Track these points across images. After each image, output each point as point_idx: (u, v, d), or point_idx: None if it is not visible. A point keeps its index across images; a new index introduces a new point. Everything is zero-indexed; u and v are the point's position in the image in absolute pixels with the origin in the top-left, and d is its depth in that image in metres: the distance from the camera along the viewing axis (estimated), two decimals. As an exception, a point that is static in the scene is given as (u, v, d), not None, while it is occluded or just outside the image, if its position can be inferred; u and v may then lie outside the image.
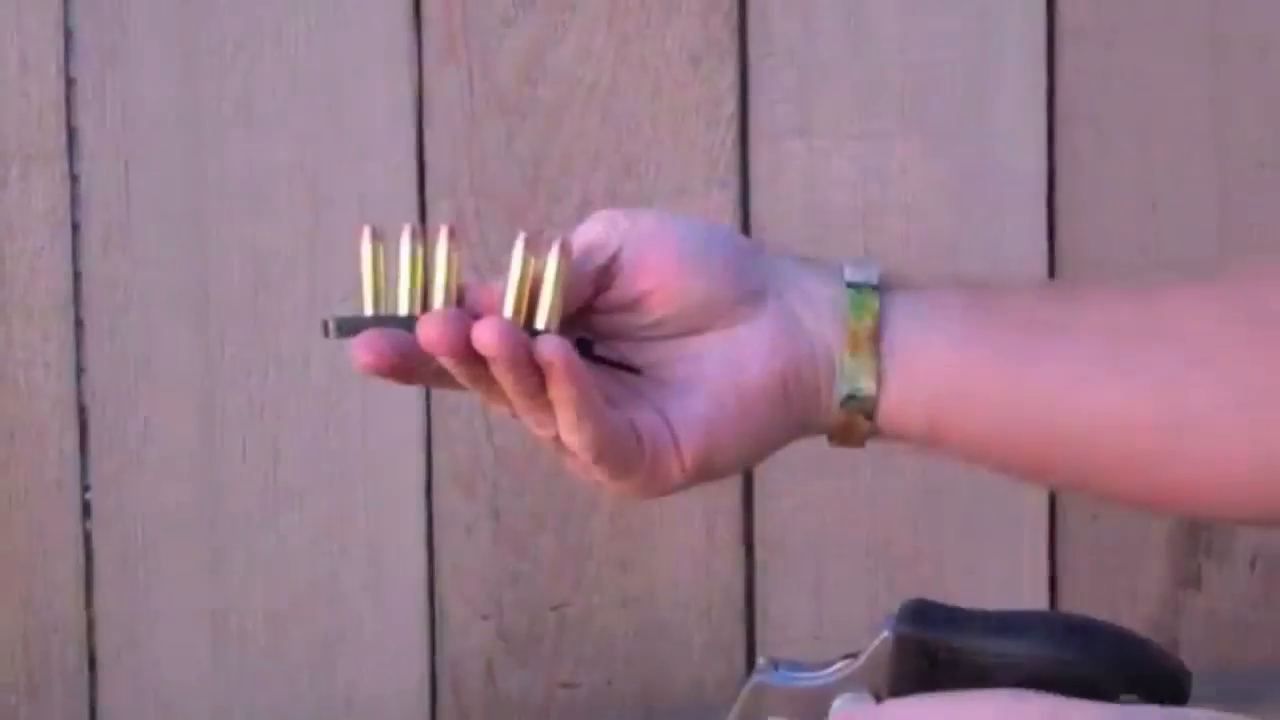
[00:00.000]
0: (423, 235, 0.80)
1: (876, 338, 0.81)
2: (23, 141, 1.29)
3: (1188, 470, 0.82)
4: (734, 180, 1.31)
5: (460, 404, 1.32)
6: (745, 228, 1.31)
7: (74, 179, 1.30)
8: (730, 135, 1.31)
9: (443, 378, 0.81)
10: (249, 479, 1.32)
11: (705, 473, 0.82)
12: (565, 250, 0.79)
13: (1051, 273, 1.32)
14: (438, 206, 1.30)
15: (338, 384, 1.31)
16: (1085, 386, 0.81)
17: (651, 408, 0.81)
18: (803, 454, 1.33)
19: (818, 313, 0.82)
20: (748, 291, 0.82)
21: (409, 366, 0.79)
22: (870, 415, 0.82)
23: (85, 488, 1.31)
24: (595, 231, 0.82)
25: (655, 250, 0.81)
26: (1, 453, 1.31)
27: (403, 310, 0.80)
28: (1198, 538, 1.35)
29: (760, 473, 1.33)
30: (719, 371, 0.81)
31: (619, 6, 1.31)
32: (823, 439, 0.83)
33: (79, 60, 1.29)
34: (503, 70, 1.31)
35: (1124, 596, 1.35)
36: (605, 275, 0.81)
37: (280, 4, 1.30)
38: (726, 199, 1.31)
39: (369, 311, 0.80)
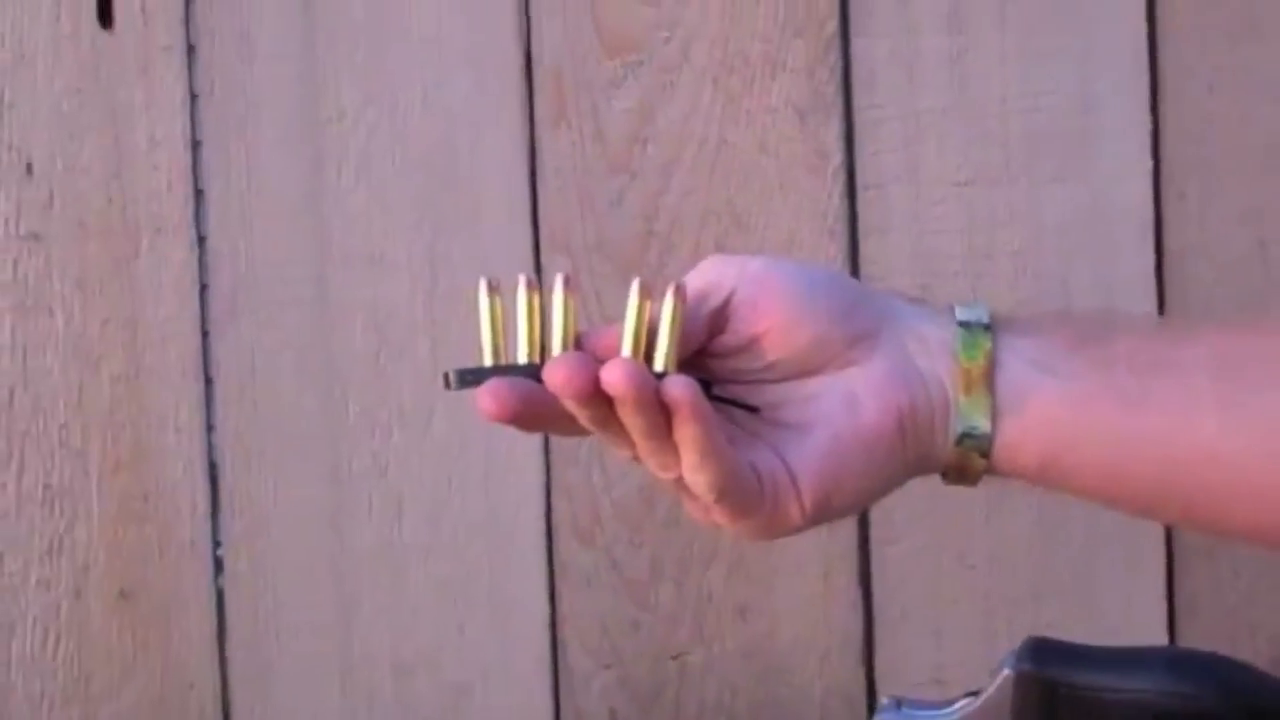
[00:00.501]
0: (538, 285, 0.81)
1: (990, 377, 0.82)
2: (152, 214, 1.32)
3: None
4: (842, 230, 1.32)
5: (579, 456, 1.33)
6: (855, 276, 1.32)
7: (201, 242, 1.33)
8: (838, 186, 1.32)
9: (564, 423, 0.81)
10: (375, 535, 1.34)
11: (824, 513, 0.82)
12: (680, 294, 0.80)
13: (1162, 311, 1.32)
14: (552, 264, 1.31)
15: (459, 440, 1.33)
16: (1195, 421, 0.81)
17: (769, 450, 0.82)
18: (917, 497, 1.34)
19: (930, 353, 0.83)
20: (859, 332, 0.82)
21: (532, 413, 0.80)
22: (985, 453, 0.82)
23: (217, 544, 1.34)
24: (708, 276, 0.83)
25: (767, 293, 0.82)
26: (136, 513, 1.33)
27: (521, 359, 0.81)
28: (1316, 574, 1.34)
29: (876, 517, 1.33)
30: (835, 412, 0.82)
31: (725, 64, 1.32)
32: (938, 482, 0.83)
33: (204, 127, 1.32)
34: (613, 129, 1.33)
35: (1244, 632, 1.34)
36: (719, 319, 0.82)
37: (396, 71, 1.32)
38: (836, 249, 1.32)
39: (488, 363, 0.81)
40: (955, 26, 1.31)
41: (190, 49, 1.32)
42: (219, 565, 1.33)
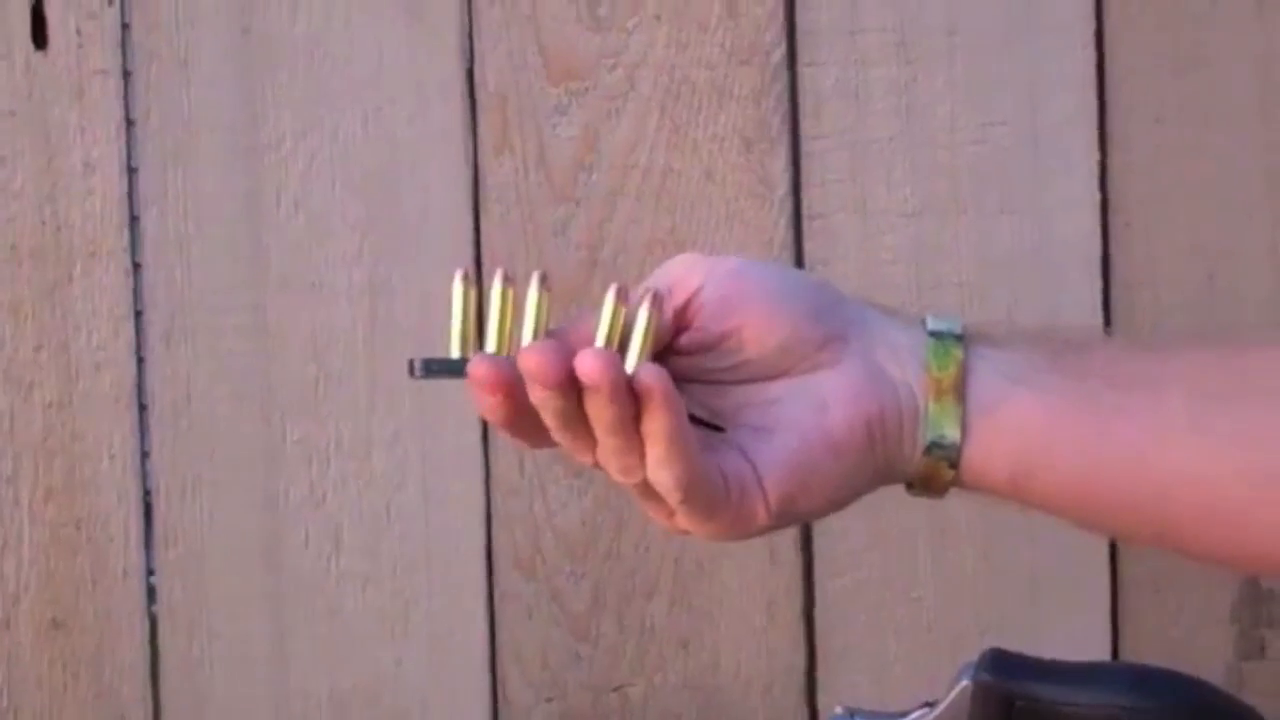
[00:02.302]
0: (514, 281, 0.79)
1: (960, 387, 0.79)
2: (86, 239, 1.29)
3: (1269, 530, 0.79)
4: (789, 260, 1.29)
5: (519, 486, 1.30)
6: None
7: (136, 269, 1.29)
8: (784, 216, 1.29)
9: (528, 421, 0.78)
10: (312, 565, 1.30)
11: (790, 515, 0.79)
12: (656, 302, 0.78)
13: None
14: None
15: (398, 470, 1.30)
16: (1169, 441, 0.79)
17: (735, 450, 0.79)
18: (860, 529, 1.32)
19: (901, 361, 0.80)
20: (830, 335, 0.80)
21: (512, 395, 0.77)
22: (954, 464, 0.80)
23: (150, 573, 1.30)
24: (677, 271, 0.80)
25: (737, 291, 0.79)
26: (68, 542, 1.30)
27: (490, 350, 0.78)
28: (1261, 608, 1.32)
29: (819, 550, 1.30)
30: (803, 415, 0.79)
31: (671, 92, 1.29)
32: (882, 514, 0.81)
33: (141, 153, 1.29)
34: (557, 157, 1.29)
35: (1187, 668, 1.31)
36: (686, 314, 0.79)
37: (337, 98, 1.29)
38: (781, 280, 1.29)
39: (456, 354, 0.78)
40: (903, 56, 1.28)
41: (126, 74, 1.28)
42: (152, 594, 1.30)
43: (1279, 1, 1.26)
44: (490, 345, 0.78)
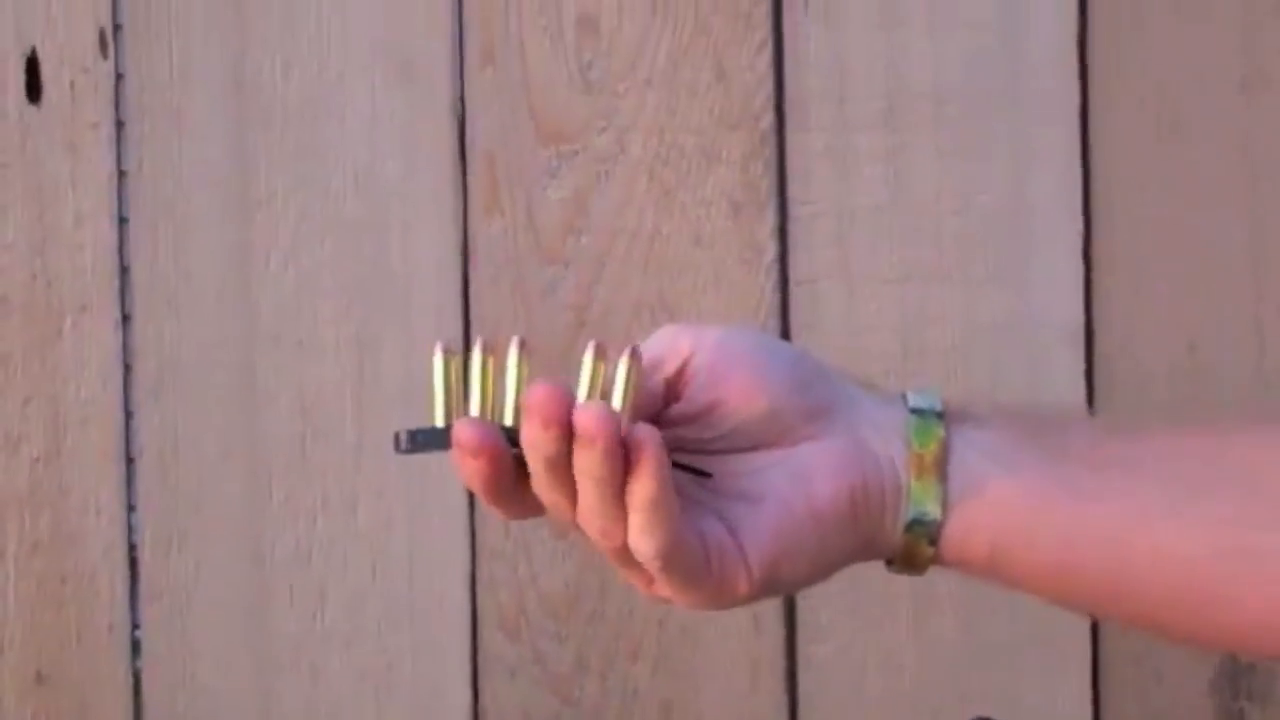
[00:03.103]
0: (493, 350, 0.78)
1: (942, 465, 0.79)
2: (76, 292, 1.29)
3: (1247, 611, 0.79)
4: (775, 325, 1.29)
5: (504, 548, 1.29)
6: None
7: (125, 321, 1.29)
8: (771, 281, 1.29)
9: (508, 487, 0.78)
10: (296, 622, 1.30)
11: (772, 584, 0.79)
12: (635, 356, 0.77)
13: (1092, 413, 1.29)
14: (482, 352, 1.28)
15: (384, 528, 1.29)
16: (1148, 523, 0.79)
17: (717, 520, 0.78)
18: (843, 598, 1.31)
19: (885, 437, 0.80)
20: (816, 407, 0.79)
21: (497, 457, 0.76)
22: (933, 541, 0.80)
23: (135, 627, 1.30)
24: (664, 343, 0.80)
25: (726, 361, 0.79)
26: (54, 596, 1.29)
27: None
28: (1240, 681, 1.31)
29: (803, 618, 1.30)
30: (788, 485, 0.79)
31: (660, 156, 1.29)
32: (864, 583, 0.81)
33: (132, 204, 1.29)
34: (546, 220, 1.30)
35: (1169, 740, 1.31)
36: (675, 386, 0.79)
37: (327, 156, 1.29)
38: (767, 344, 1.29)
39: (440, 424, 0.78)
40: (889, 123, 1.29)
41: (119, 125, 1.29)
42: (137, 648, 1.29)
43: (1262, 76, 1.26)
44: (474, 413, 0.78)
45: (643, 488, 0.76)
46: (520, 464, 0.78)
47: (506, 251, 1.29)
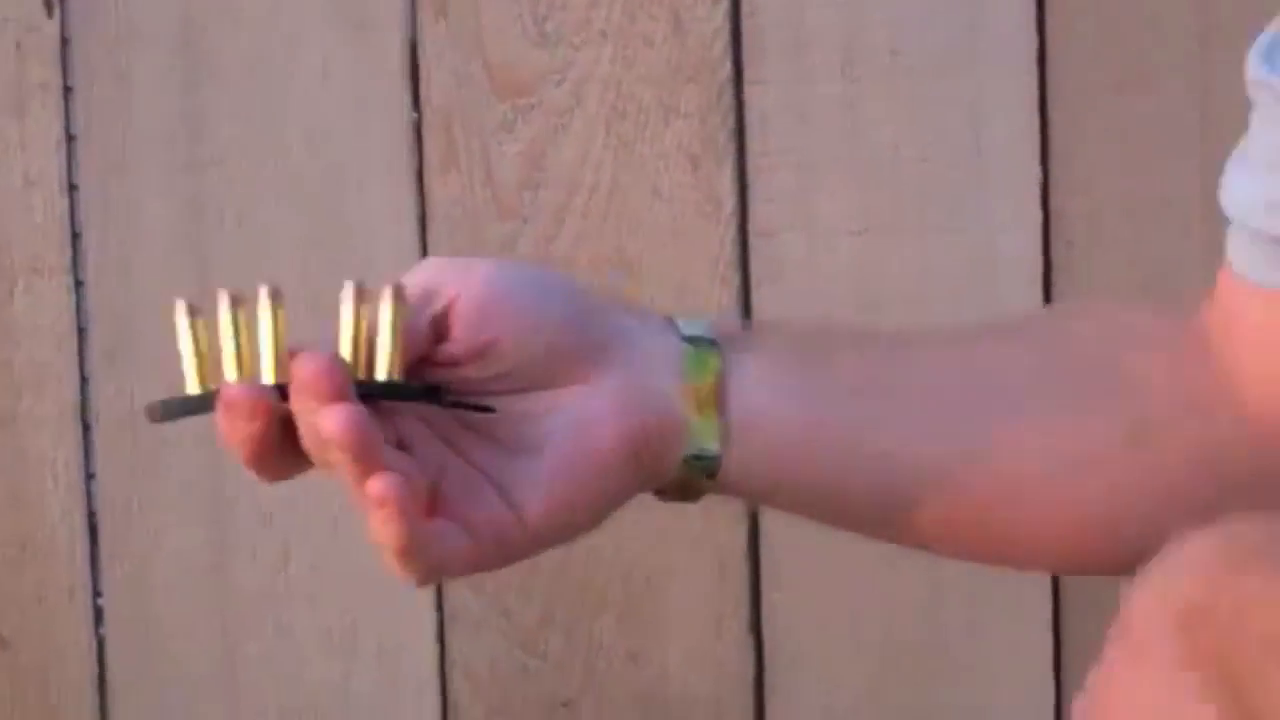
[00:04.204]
0: (244, 301, 0.73)
1: (719, 397, 0.78)
2: (28, 255, 1.27)
3: (1011, 530, 0.80)
4: (735, 277, 1.29)
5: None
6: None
7: (79, 286, 1.27)
8: (730, 233, 1.29)
9: (279, 450, 0.75)
10: (259, 582, 1.29)
11: (553, 538, 0.77)
12: (399, 294, 0.73)
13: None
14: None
15: (345, 485, 1.29)
16: (913, 449, 0.79)
17: (492, 487, 0.76)
18: (808, 544, 1.32)
19: (661, 370, 0.78)
20: (591, 344, 0.77)
21: (270, 417, 0.73)
22: (712, 475, 0.78)
23: (97, 594, 1.29)
24: (429, 279, 0.77)
25: (495, 299, 0.76)
26: (13, 561, 1.28)
27: (232, 378, 0.73)
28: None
29: (766, 565, 1.30)
30: (567, 433, 0.76)
31: (617, 110, 1.28)
32: (829, 528, 0.81)
33: (81, 169, 1.27)
34: (503, 174, 1.28)
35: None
36: (442, 324, 0.76)
37: (280, 114, 1.27)
38: (728, 296, 1.28)
39: (194, 391, 0.74)
40: (848, 74, 1.28)
41: (67, 90, 1.26)
42: (99, 614, 1.28)
43: (1220, 28, 1.26)
44: (230, 374, 0.74)
45: (389, 537, 0.74)
46: (285, 422, 0.74)
47: (463, 207, 1.28)
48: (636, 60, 1.27)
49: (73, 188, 1.26)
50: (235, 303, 0.74)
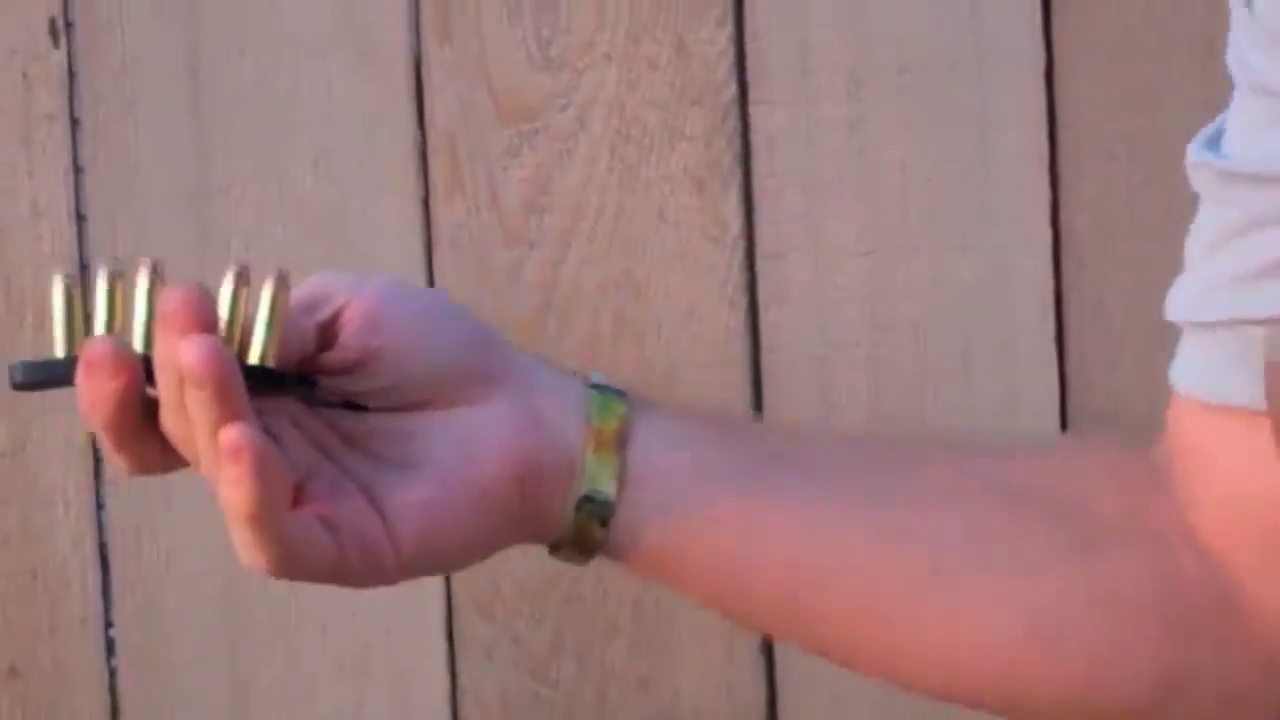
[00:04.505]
0: (123, 275, 0.71)
1: (621, 441, 0.73)
2: (37, 285, 1.27)
3: (933, 634, 0.73)
4: (743, 300, 1.28)
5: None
6: (755, 346, 1.28)
7: (87, 317, 1.27)
8: (737, 256, 1.28)
9: (141, 424, 0.71)
10: (271, 609, 1.28)
11: (425, 563, 0.73)
12: (282, 281, 0.71)
13: (1063, 381, 1.28)
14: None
15: (356, 513, 1.28)
16: (829, 532, 0.73)
17: (363, 495, 0.72)
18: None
19: (561, 406, 0.74)
20: (481, 371, 0.73)
21: (135, 380, 0.69)
22: (605, 522, 0.74)
23: (109, 625, 1.29)
24: (318, 287, 0.74)
25: (383, 313, 0.73)
26: (25, 591, 1.28)
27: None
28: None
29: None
30: (449, 455, 0.73)
31: (622, 134, 1.27)
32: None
33: (89, 199, 1.27)
34: (508, 200, 1.28)
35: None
36: (329, 331, 0.73)
37: (286, 141, 1.27)
38: (735, 319, 1.28)
39: (60, 353, 0.71)
40: (854, 94, 1.27)
41: (74, 121, 1.26)
42: (111, 645, 1.28)
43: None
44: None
45: (239, 500, 0.70)
46: (149, 404, 0.71)
47: (469, 233, 1.27)
48: (640, 83, 1.26)
49: (81, 218, 1.26)
50: (114, 276, 0.72)
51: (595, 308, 1.27)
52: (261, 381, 0.71)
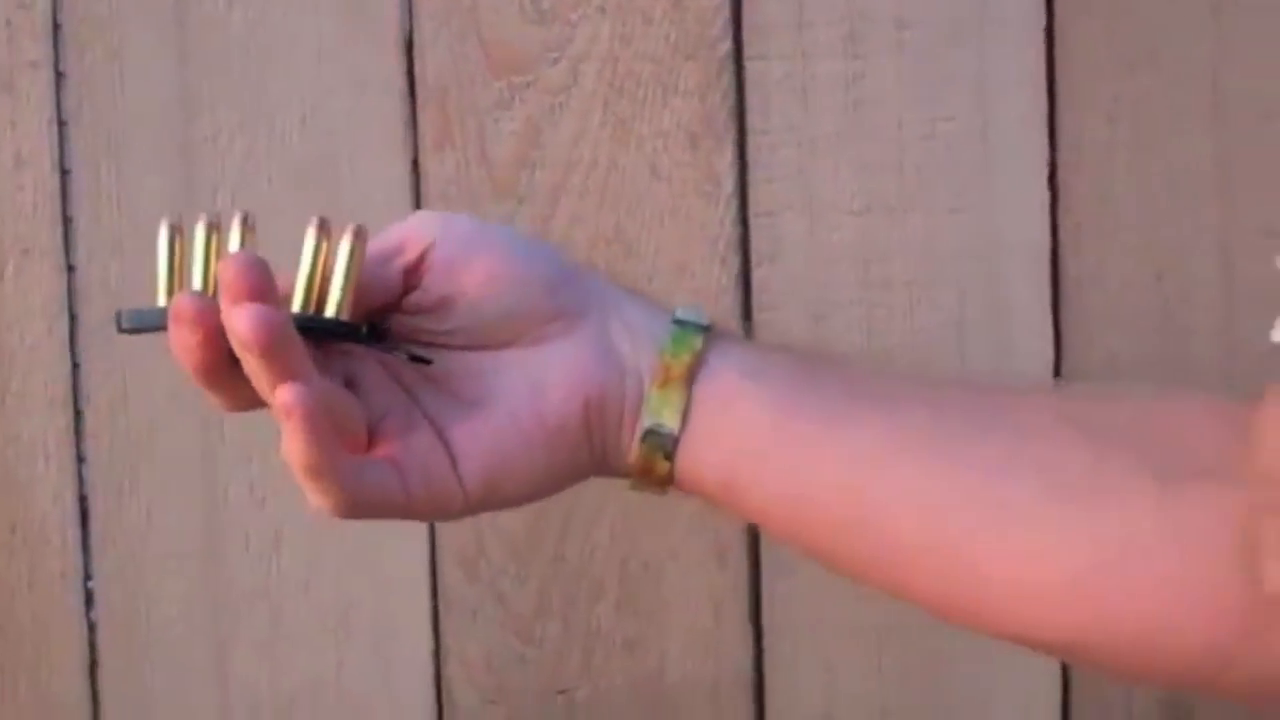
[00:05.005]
0: (219, 226, 0.75)
1: (691, 377, 0.74)
2: (18, 236, 1.25)
3: (996, 567, 0.72)
4: (734, 257, 1.26)
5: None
6: (747, 304, 1.26)
7: (70, 270, 1.26)
8: (730, 213, 1.26)
9: (228, 370, 0.73)
10: (252, 567, 1.27)
11: (492, 499, 0.74)
12: (360, 235, 0.74)
13: (1058, 344, 1.27)
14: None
15: (340, 469, 1.27)
16: (899, 458, 0.73)
17: (433, 430, 0.74)
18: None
19: (637, 343, 0.75)
20: (562, 309, 0.75)
21: (216, 333, 0.72)
22: (669, 455, 0.74)
23: (88, 578, 1.27)
24: (409, 227, 0.76)
25: (468, 254, 0.74)
26: (3, 545, 1.26)
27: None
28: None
29: (767, 551, 1.28)
30: (518, 391, 0.74)
31: (615, 87, 1.26)
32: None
33: (73, 152, 1.25)
34: (499, 154, 1.26)
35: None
36: (415, 273, 0.74)
37: (274, 92, 1.25)
38: (727, 276, 1.26)
39: (162, 303, 0.75)
40: (851, 50, 1.25)
41: (59, 75, 1.24)
42: (90, 598, 1.27)
43: (1233, 0, 1.23)
44: (196, 288, 0.75)
45: (294, 453, 0.72)
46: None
47: (459, 187, 1.25)
48: (634, 37, 1.24)
49: (64, 171, 1.24)
50: (211, 227, 0.75)
51: (586, 263, 1.25)
52: (335, 331, 0.74)
